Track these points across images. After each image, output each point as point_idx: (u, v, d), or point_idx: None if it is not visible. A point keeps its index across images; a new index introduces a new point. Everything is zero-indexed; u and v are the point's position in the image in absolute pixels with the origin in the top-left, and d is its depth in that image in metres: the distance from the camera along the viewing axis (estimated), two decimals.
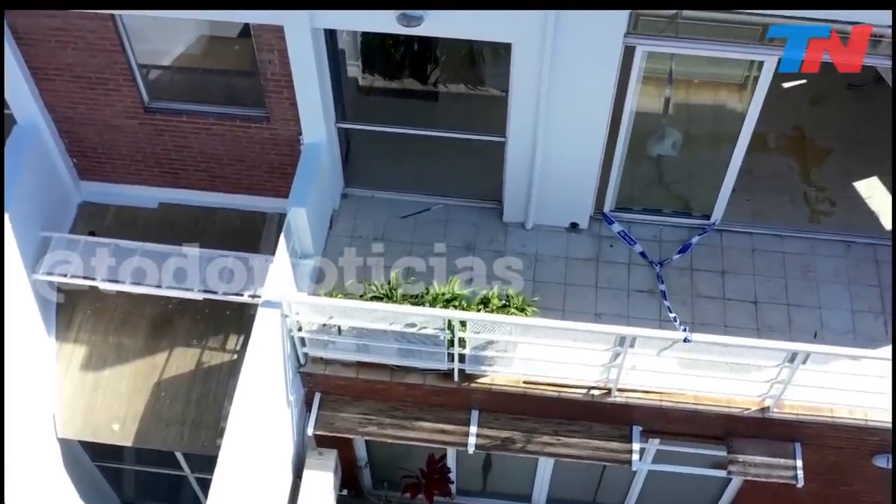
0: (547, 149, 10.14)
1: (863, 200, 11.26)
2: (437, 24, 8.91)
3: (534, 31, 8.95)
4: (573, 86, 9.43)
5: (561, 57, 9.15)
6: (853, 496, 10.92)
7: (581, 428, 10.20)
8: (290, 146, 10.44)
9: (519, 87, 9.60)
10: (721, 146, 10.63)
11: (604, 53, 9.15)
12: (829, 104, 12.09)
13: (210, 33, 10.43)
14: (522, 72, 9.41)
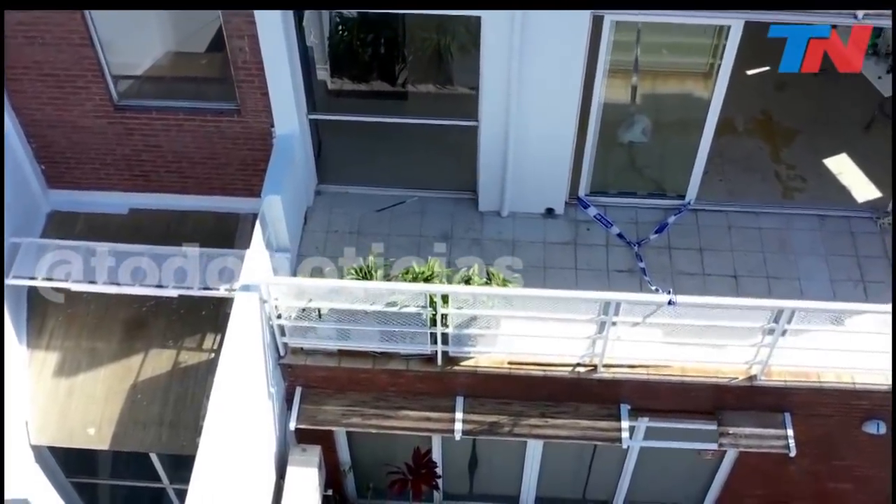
0: (520, 130, 10.14)
1: (833, 176, 11.39)
2: None
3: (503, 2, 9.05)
4: (544, 59, 9.48)
5: (530, 29, 9.21)
6: (846, 471, 10.82)
7: (568, 409, 10.05)
8: (262, 140, 10.37)
9: (489, 64, 9.63)
10: (690, 131, 10.74)
11: (572, 23, 9.23)
12: (792, 89, 12.27)
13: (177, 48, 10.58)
14: (493, 48, 9.44)
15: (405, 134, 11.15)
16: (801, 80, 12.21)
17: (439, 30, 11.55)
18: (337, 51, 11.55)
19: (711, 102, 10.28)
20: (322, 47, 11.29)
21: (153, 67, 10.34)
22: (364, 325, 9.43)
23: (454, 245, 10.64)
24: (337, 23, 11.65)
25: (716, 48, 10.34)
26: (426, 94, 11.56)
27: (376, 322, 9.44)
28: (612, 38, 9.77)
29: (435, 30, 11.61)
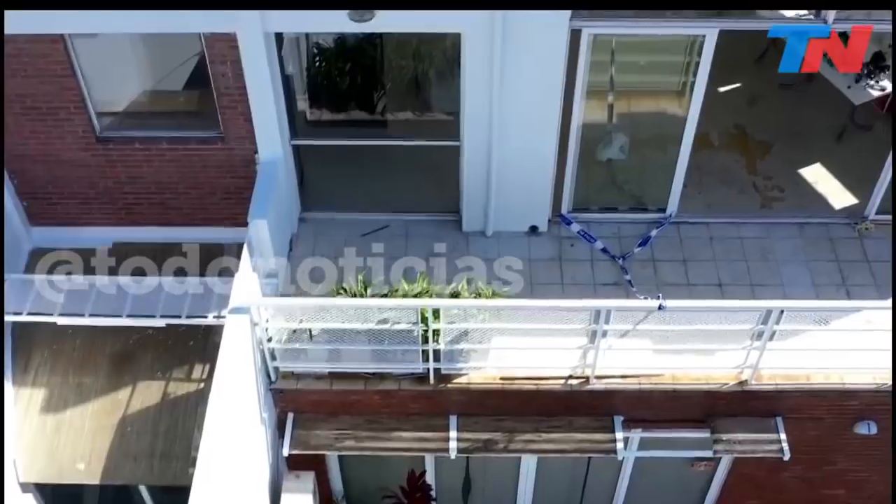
0: (502, 149, 10.27)
1: (810, 185, 11.60)
2: (387, 18, 9.09)
3: (483, 18, 9.17)
4: (524, 74, 9.63)
5: (511, 44, 9.35)
6: (839, 476, 10.86)
7: (562, 423, 10.04)
8: (245, 167, 10.41)
9: (471, 81, 9.77)
10: (668, 147, 10.94)
11: (551, 37, 9.38)
12: (764, 103, 12.56)
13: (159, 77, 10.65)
14: (474, 64, 9.60)
15: (387, 159, 11.22)
16: (771, 94, 12.63)
17: (416, 56, 11.73)
18: (315, 81, 11.67)
19: (688, 118, 10.50)
20: (300, 78, 11.41)
21: (135, 100, 10.39)
22: (355, 344, 9.44)
23: (441, 265, 10.64)
24: (314, 53, 11.77)
25: (688, 66, 10.60)
26: (405, 121, 11.66)
27: (368, 341, 9.45)
28: (590, 59, 9.97)
29: (412, 57, 11.81)
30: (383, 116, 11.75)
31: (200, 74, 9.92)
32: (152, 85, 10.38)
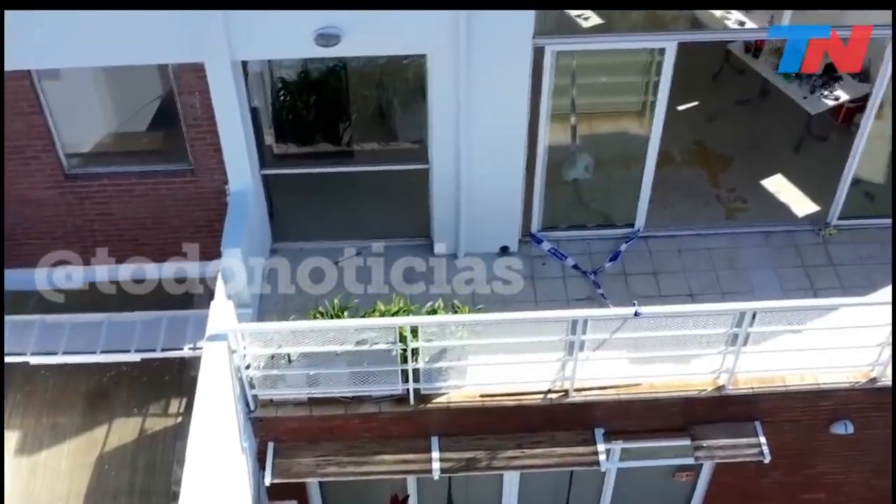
0: (471, 169, 10.38)
1: (772, 195, 11.87)
2: (353, 42, 9.21)
3: (447, 39, 9.32)
4: (490, 94, 9.78)
5: (476, 65, 9.50)
6: (818, 479, 10.98)
7: (544, 438, 10.07)
8: (216, 199, 10.42)
9: (438, 103, 9.90)
10: (631, 164, 11.16)
11: (516, 55, 9.55)
12: (722, 119, 12.87)
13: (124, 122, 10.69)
14: (440, 86, 9.73)
15: (356, 187, 11.27)
16: (728, 110, 12.96)
17: (380, 87, 11.88)
18: (280, 115, 11.74)
19: (651, 136, 10.74)
20: (266, 112, 11.48)
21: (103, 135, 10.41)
22: (334, 368, 9.42)
23: (415, 289, 10.68)
24: (278, 88, 11.87)
25: (647, 85, 10.85)
26: (371, 151, 11.76)
27: (347, 364, 9.43)
28: (553, 81, 10.17)
29: (376, 87, 11.95)
30: (350, 147, 11.87)
31: (168, 108, 9.97)
32: (121, 120, 10.42)
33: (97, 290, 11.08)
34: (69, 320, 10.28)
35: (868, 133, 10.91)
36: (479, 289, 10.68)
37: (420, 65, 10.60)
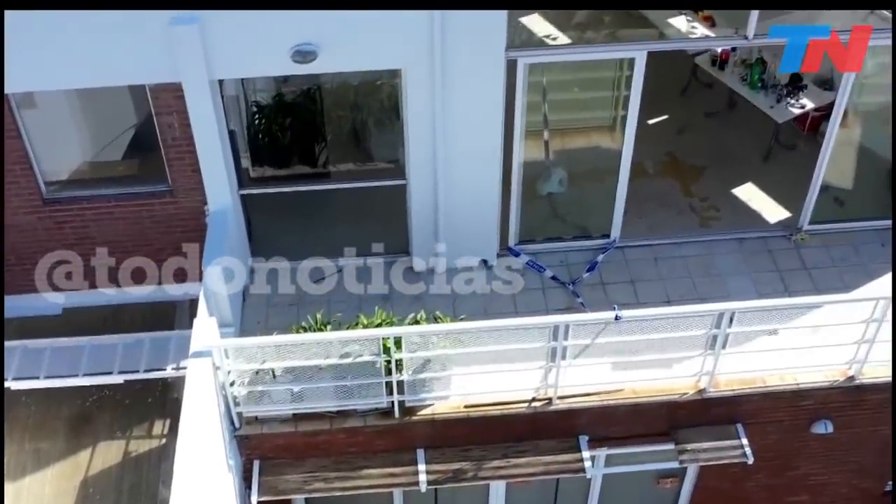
0: (448, 184, 10.50)
1: (744, 203, 12.09)
2: (329, 58, 9.33)
3: (422, 53, 9.46)
4: (466, 108, 9.92)
5: (450, 78, 9.64)
6: (802, 481, 11.09)
7: (529, 447, 10.11)
8: (195, 220, 10.45)
9: (414, 118, 10.02)
10: (605, 178, 11.34)
11: (490, 68, 9.70)
12: (692, 131, 13.12)
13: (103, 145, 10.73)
14: (416, 101, 9.86)
15: (334, 206, 11.37)
16: (697, 123, 13.23)
17: (354, 108, 12.01)
18: (255, 139, 11.82)
19: (623, 149, 10.92)
20: (242, 136, 11.55)
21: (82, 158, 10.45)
22: (319, 382, 9.45)
23: (395, 304, 10.78)
24: (253, 112, 11.97)
25: (618, 100, 11.06)
26: (347, 171, 11.86)
27: (331, 378, 9.46)
28: (526, 97, 10.37)
29: (350, 108, 12.08)
30: (326, 168, 11.96)
31: (146, 130, 10.03)
32: (100, 144, 10.46)
33: (75, 317, 11.07)
34: (50, 345, 10.27)
35: (834, 140, 11.16)
36: (478, 289, 10.89)
37: (393, 85, 10.78)
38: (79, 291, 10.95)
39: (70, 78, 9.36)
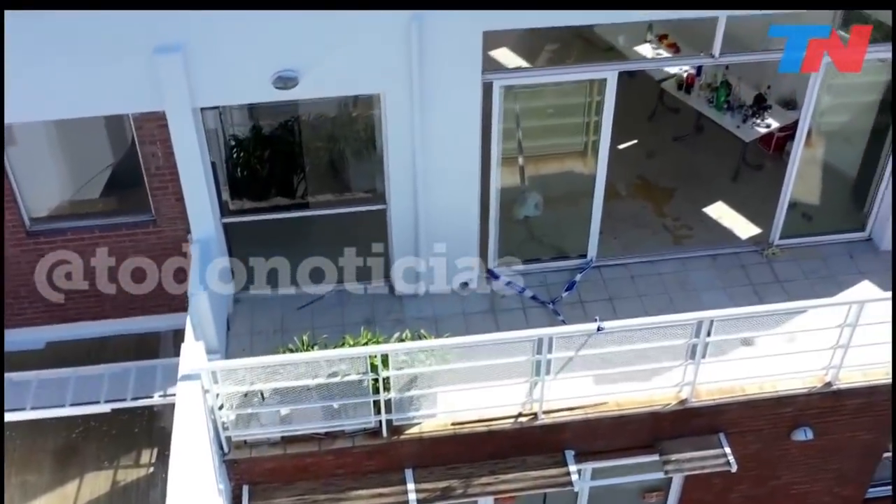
0: (428, 206, 10.70)
1: (715, 221, 12.42)
2: (309, 83, 9.55)
3: (401, 78, 9.70)
4: (444, 130, 10.15)
5: (429, 101, 9.88)
6: (784, 490, 11.25)
7: (516, 463, 10.22)
8: (178, 249, 10.55)
9: (394, 143, 10.24)
10: (580, 201, 11.62)
11: (466, 90, 9.95)
12: (661, 155, 13.48)
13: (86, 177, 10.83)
14: (395, 124, 10.07)
15: (315, 234, 11.50)
16: (666, 147, 13.59)
17: (331, 139, 12.21)
18: (234, 172, 11.96)
19: (597, 173, 11.23)
20: (221, 170, 11.70)
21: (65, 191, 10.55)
22: (308, 402, 9.52)
23: (379, 328, 10.86)
24: (232, 145, 12.12)
25: (588, 126, 11.36)
26: (326, 201, 12.02)
27: (319, 398, 9.53)
28: (501, 126, 10.68)
29: (327, 139, 12.28)
30: (305, 199, 12.12)
31: (129, 160, 10.17)
32: (82, 175, 10.56)
33: (59, 351, 11.08)
34: (36, 377, 10.28)
35: (799, 159, 11.53)
36: (459, 311, 11.10)
37: (369, 116, 11.01)
38: (62, 325, 11.02)
39: (54, 109, 9.48)
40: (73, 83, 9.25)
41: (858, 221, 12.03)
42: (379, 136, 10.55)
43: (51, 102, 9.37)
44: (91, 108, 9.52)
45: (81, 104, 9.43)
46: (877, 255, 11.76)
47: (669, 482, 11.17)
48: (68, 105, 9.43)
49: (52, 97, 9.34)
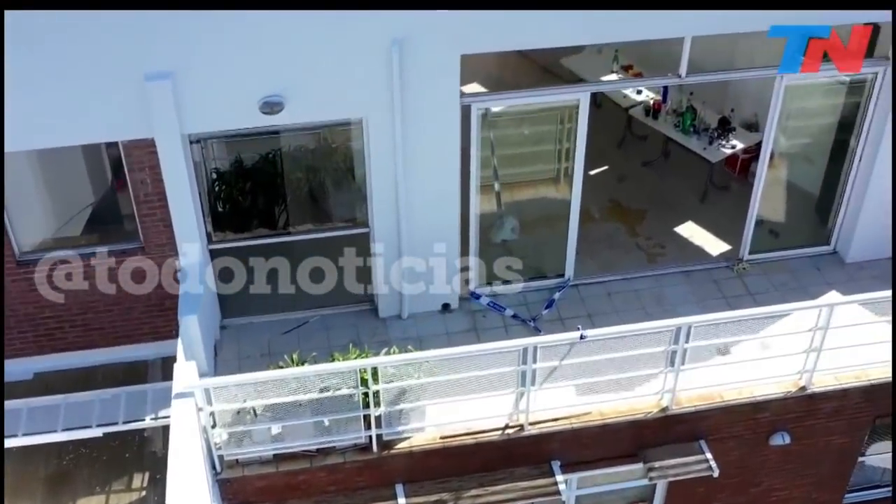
0: (410, 229, 10.99)
1: (687, 240, 12.85)
2: (296, 108, 9.86)
3: (383, 103, 10.03)
4: (425, 152, 10.47)
5: (410, 124, 10.22)
6: (764, 498, 11.51)
7: (504, 475, 10.41)
8: (166, 276, 10.72)
9: (377, 167, 10.55)
10: (555, 224, 11.99)
11: (446, 112, 10.30)
12: (631, 180, 13.92)
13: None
14: (378, 148, 10.39)
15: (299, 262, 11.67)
16: (636, 172, 14.01)
17: (311, 170, 12.51)
18: (216, 206, 12.19)
19: (572, 197, 11.62)
20: (203, 202, 11.93)
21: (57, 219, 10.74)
22: (299, 418, 9.68)
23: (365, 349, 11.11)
24: (213, 179, 12.36)
25: (560, 154, 11.78)
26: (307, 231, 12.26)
27: (311, 414, 9.70)
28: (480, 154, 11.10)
29: (307, 170, 12.56)
30: (287, 230, 12.35)
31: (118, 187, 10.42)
32: (71, 203, 10.76)
33: (48, 381, 11.14)
34: (26, 405, 10.36)
35: (764, 180, 12.02)
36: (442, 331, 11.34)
37: (348, 147, 11.33)
38: (51, 355, 11.12)
39: (44, 138, 9.69)
40: (64, 111, 9.50)
41: (823, 236, 12.52)
42: (360, 163, 10.87)
43: (41, 131, 9.57)
44: (81, 136, 9.78)
45: (72, 132, 9.68)
46: (842, 267, 12.24)
47: (653, 493, 11.42)
48: (59, 134, 9.66)
49: (42, 126, 9.55)
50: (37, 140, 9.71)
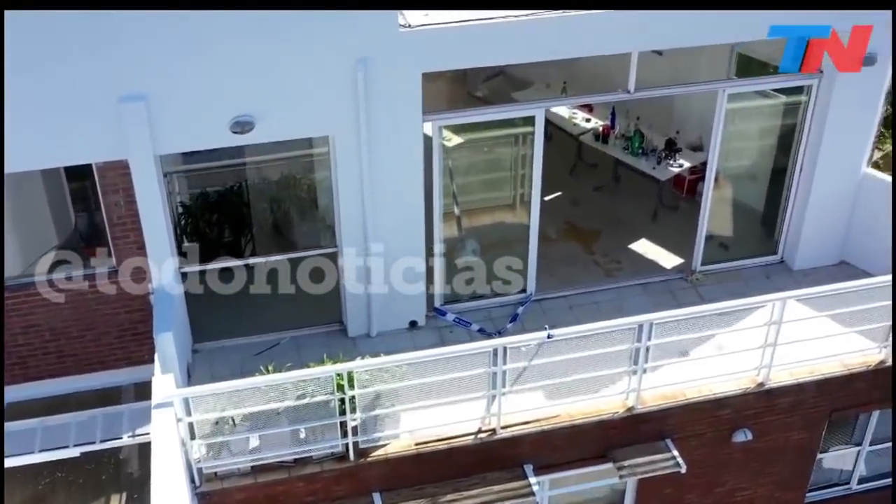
0: (377, 247, 11.29)
1: (641, 255, 13.38)
2: (266, 127, 10.20)
3: (349, 121, 10.44)
4: (391, 168, 10.86)
5: (376, 142, 10.62)
6: (729, 497, 11.82)
7: (478, 480, 10.61)
8: (140, 299, 10.90)
9: (344, 185, 10.90)
10: (515, 245, 12.44)
11: (409, 131, 10.74)
12: (584, 203, 14.48)
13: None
14: (345, 165, 10.75)
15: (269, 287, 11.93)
16: (588, 196, 14.55)
17: (275, 200, 12.84)
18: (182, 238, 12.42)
19: (531, 220, 12.11)
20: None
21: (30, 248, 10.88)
22: (277, 426, 9.84)
23: None
24: (180, 213, 12.63)
25: (516, 179, 12.28)
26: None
27: (288, 422, 9.87)
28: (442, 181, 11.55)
29: (271, 200, 12.89)
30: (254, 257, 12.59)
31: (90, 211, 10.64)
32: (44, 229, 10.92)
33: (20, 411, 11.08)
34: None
35: (710, 199, 12.63)
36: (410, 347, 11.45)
37: (311, 179, 11.70)
38: (23, 384, 11.13)
39: (20, 161, 9.86)
40: (40, 134, 9.72)
41: (771, 247, 13.14)
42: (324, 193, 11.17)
43: (17, 154, 9.75)
44: (57, 158, 10.01)
45: (48, 155, 9.91)
46: (791, 275, 12.86)
47: (623, 496, 11.70)
48: (35, 156, 9.88)
49: (20, 149, 9.73)
50: (12, 163, 9.84)
